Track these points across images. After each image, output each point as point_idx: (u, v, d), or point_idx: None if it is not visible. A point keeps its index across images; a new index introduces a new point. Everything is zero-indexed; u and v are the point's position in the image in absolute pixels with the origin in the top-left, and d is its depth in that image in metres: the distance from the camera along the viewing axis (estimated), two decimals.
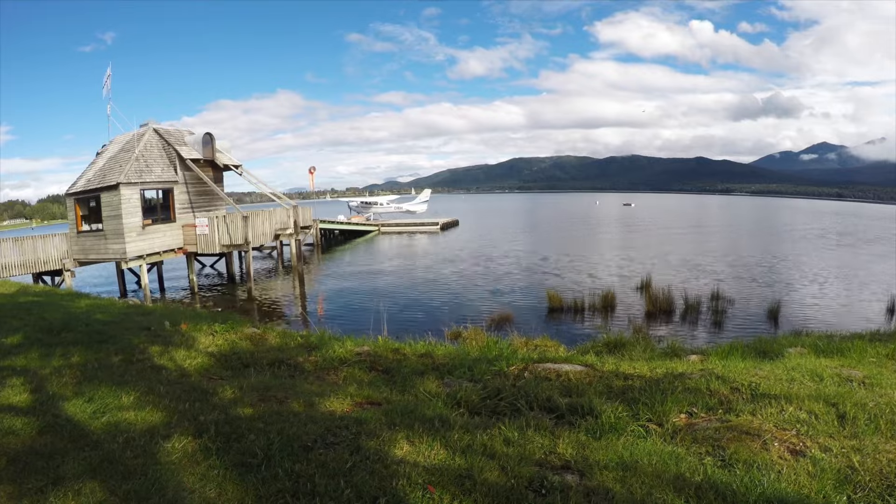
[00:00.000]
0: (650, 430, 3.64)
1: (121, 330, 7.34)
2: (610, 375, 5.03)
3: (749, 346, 7.14)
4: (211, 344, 6.80)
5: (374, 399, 4.50)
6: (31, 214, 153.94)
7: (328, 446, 3.31)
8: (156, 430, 3.63)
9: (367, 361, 6.04)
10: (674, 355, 6.88)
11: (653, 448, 3.29)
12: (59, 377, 4.99)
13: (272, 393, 4.58)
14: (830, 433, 3.41)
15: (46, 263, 19.51)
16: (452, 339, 11.47)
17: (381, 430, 3.55)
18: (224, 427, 3.62)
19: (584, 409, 4.02)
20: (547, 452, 3.26)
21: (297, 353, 6.41)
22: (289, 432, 3.48)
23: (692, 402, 4.06)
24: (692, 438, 3.43)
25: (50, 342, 6.46)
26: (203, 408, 4.11)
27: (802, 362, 5.39)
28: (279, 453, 3.18)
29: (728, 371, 4.94)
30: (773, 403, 3.90)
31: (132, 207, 19.79)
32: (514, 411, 4.09)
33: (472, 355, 6.33)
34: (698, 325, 14.95)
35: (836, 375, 4.72)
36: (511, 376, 5.10)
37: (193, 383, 4.98)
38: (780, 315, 15.30)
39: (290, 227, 24.10)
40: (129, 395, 4.41)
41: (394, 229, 48.53)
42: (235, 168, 24.65)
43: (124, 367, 5.50)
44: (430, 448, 3.28)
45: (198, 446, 3.36)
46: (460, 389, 4.59)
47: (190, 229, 21.67)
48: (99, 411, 4.06)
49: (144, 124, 22.73)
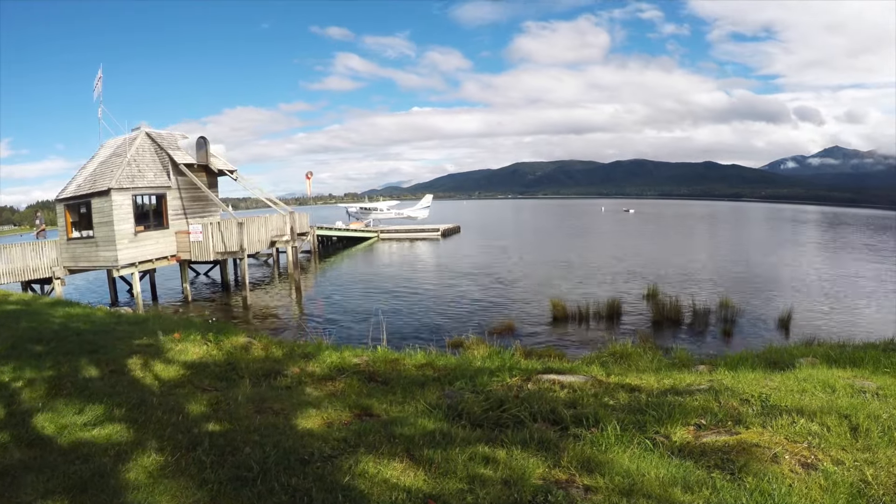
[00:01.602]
0: (657, 442, 3.64)
1: (111, 340, 7.35)
2: (616, 386, 5.03)
3: (759, 356, 7.13)
4: (205, 354, 6.80)
5: (372, 410, 4.50)
6: (20, 220, 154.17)
7: (326, 459, 3.31)
8: (148, 443, 3.64)
9: (366, 372, 6.04)
10: (681, 366, 6.88)
11: (660, 461, 3.29)
12: (42, 388, 4.99)
13: (268, 404, 4.58)
14: (843, 446, 3.41)
15: (36, 271, 19.53)
16: (453, 348, 11.46)
17: (380, 442, 3.56)
18: (218, 439, 3.63)
19: (589, 421, 4.02)
20: (551, 466, 3.27)
21: (293, 364, 6.42)
22: (285, 445, 3.49)
23: (700, 414, 4.06)
24: (700, 451, 3.43)
25: (36, 352, 6.47)
26: (196, 420, 4.12)
27: (814, 373, 5.39)
28: (275, 467, 3.19)
29: (737, 382, 4.94)
30: (783, 415, 3.90)
31: (124, 213, 19.81)
32: (518, 423, 4.09)
33: (474, 365, 6.33)
34: (706, 335, 14.93)
35: (849, 386, 4.71)
36: (514, 387, 5.10)
37: (186, 394, 4.98)
38: (791, 324, 15.29)
39: (286, 234, 24.14)
40: (121, 408, 4.42)
41: (393, 236, 48.56)
42: (230, 173, 24.71)
43: (115, 379, 5.51)
44: (430, 461, 3.28)
45: (191, 459, 3.36)
46: (461, 401, 4.59)
47: (183, 236, 21.69)
48: (90, 423, 4.06)
49: (136, 128, 22.77)
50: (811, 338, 11.93)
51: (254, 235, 22.42)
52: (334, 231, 45.66)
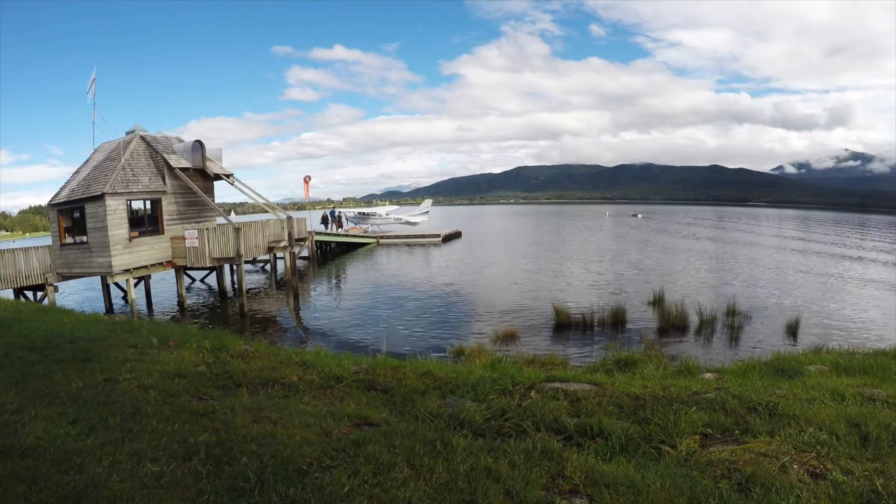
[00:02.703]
0: (663, 451, 3.64)
1: (105, 348, 7.36)
2: (621, 395, 5.03)
3: (767, 363, 7.14)
4: (201, 362, 6.81)
5: (372, 419, 4.51)
6: (12, 226, 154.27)
7: (324, 470, 3.32)
8: (143, 453, 3.64)
9: (366, 380, 6.04)
10: (687, 373, 6.89)
11: (666, 471, 3.29)
12: (35, 397, 5.00)
13: (265, 413, 4.59)
14: (852, 455, 3.41)
15: (28, 278, 19.55)
16: (455, 356, 11.47)
17: (380, 452, 3.56)
18: (215, 449, 3.63)
19: (593, 430, 4.03)
20: (554, 476, 3.27)
21: (291, 372, 6.42)
22: (283, 455, 3.49)
23: (707, 423, 4.06)
24: (707, 461, 3.44)
25: (29, 360, 6.49)
26: (192, 429, 4.12)
27: (823, 381, 5.39)
28: (273, 477, 3.19)
29: (745, 390, 4.94)
30: (792, 424, 3.91)
31: (118, 219, 19.86)
32: (520, 433, 4.09)
33: (476, 374, 6.33)
34: (713, 341, 14.92)
35: (859, 394, 4.72)
36: (516, 396, 5.10)
37: (182, 403, 4.98)
38: (799, 330, 15.29)
39: (284, 240, 24.17)
40: (115, 417, 4.42)
41: (393, 241, 48.60)
42: (227, 177, 24.78)
43: (109, 387, 5.51)
44: (431, 471, 3.28)
45: (187, 470, 3.36)
46: (463, 410, 4.60)
47: (179, 242, 21.73)
48: (83, 433, 4.07)
49: (131, 131, 22.85)
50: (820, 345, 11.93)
51: (251, 241, 22.45)
52: (333, 237, 45.71)
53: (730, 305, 17.47)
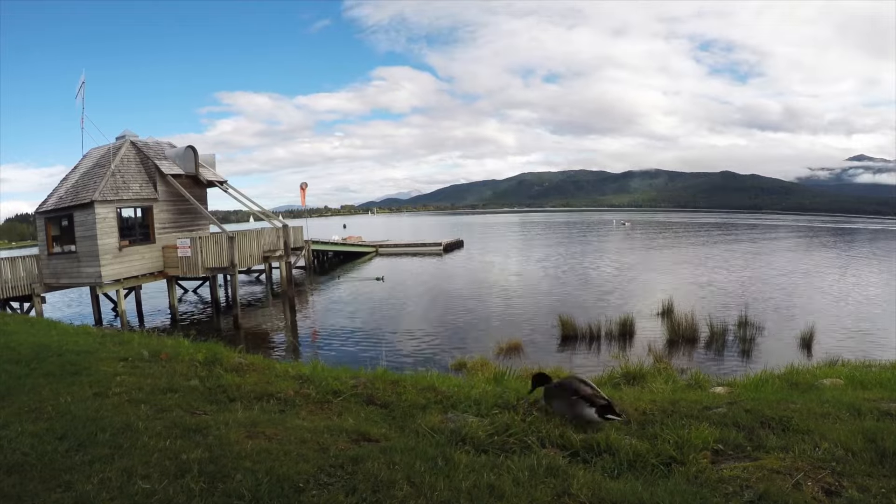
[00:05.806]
0: (672, 468, 3.64)
1: (94, 361, 7.37)
2: (628, 409, 5.03)
3: (780, 376, 7.14)
4: (193, 376, 6.81)
5: (371, 435, 4.51)
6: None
7: (321, 487, 3.32)
8: (134, 470, 3.64)
9: (364, 394, 6.04)
10: (698, 387, 6.87)
11: (675, 487, 3.29)
12: (22, 412, 5.01)
13: (260, 429, 4.59)
14: (869, 472, 3.41)
15: (15, 289, 19.58)
16: (456, 369, 11.47)
17: (379, 469, 3.56)
18: (208, 466, 3.64)
19: (600, 445, 4.03)
20: (560, 493, 3.27)
21: (287, 386, 6.42)
22: (279, 472, 3.50)
23: (718, 439, 4.06)
24: (718, 477, 3.44)
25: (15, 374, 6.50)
26: (185, 445, 4.13)
27: (838, 394, 5.39)
28: (268, 495, 3.19)
29: (757, 404, 4.94)
30: (806, 439, 3.91)
31: (108, 227, 19.91)
32: (524, 448, 4.09)
33: (479, 388, 6.32)
34: (724, 354, 14.90)
35: (875, 409, 4.71)
36: (521, 410, 5.10)
37: (174, 419, 4.99)
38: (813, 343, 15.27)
39: (279, 249, 24.20)
40: (105, 432, 4.43)
41: (392, 251, 48.66)
42: (220, 184, 24.87)
43: (99, 402, 5.52)
44: (432, 489, 3.28)
45: (179, 487, 3.37)
46: (465, 425, 4.60)
47: (171, 251, 21.76)
48: (72, 449, 4.07)
49: (121, 136, 22.95)
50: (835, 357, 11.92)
51: (245, 250, 22.48)
52: (330, 246, 45.76)
53: (741, 317, 17.46)
